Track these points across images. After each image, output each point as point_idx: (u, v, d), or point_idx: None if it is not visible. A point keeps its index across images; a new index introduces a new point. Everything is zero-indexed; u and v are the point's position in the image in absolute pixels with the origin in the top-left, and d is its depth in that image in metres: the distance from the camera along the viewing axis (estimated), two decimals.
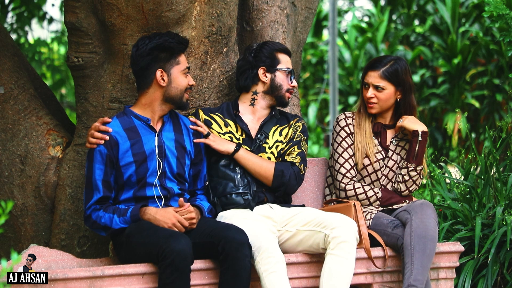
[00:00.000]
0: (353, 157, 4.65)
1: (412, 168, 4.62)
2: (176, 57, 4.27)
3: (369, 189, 4.60)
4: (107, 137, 4.19)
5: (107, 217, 4.15)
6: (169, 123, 4.34)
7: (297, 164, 4.47)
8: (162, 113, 4.31)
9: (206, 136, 4.41)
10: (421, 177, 4.68)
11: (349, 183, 4.62)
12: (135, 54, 4.25)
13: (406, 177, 4.63)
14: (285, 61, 4.57)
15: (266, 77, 4.55)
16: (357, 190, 4.60)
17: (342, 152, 4.66)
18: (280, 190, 4.47)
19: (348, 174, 4.63)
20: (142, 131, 4.26)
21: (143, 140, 4.24)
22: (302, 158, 4.51)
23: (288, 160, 4.48)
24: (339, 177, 4.64)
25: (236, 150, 4.42)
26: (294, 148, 4.51)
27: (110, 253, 4.48)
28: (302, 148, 4.54)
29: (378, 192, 4.60)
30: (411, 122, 4.63)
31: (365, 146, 4.64)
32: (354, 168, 4.65)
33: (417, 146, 4.60)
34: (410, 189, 4.64)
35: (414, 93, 4.70)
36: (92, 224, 4.20)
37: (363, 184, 4.62)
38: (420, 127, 4.60)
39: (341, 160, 4.65)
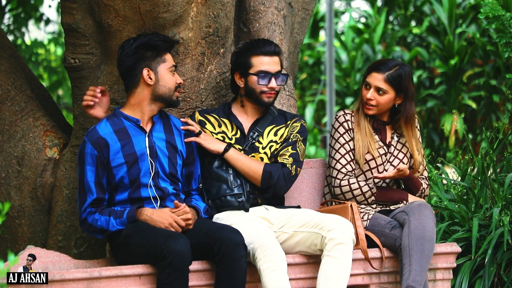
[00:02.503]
0: (350, 153, 4.65)
1: (418, 194, 4.69)
2: (162, 55, 4.27)
3: (364, 185, 4.60)
4: (99, 95, 4.34)
5: (103, 219, 4.15)
6: (159, 123, 4.34)
7: (287, 166, 4.44)
8: (151, 113, 4.30)
9: (198, 134, 4.41)
10: (426, 190, 4.74)
11: (344, 178, 4.62)
12: (120, 55, 4.26)
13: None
14: (258, 64, 4.49)
15: (242, 81, 4.54)
16: (352, 185, 4.60)
17: (339, 148, 4.67)
18: (268, 191, 4.46)
19: (343, 170, 4.63)
20: (132, 132, 4.25)
21: (134, 141, 4.24)
22: (295, 159, 4.48)
23: (279, 161, 4.47)
24: (334, 173, 4.64)
25: (226, 150, 4.42)
26: (287, 149, 4.49)
27: (107, 254, 4.48)
28: (297, 148, 4.51)
29: (373, 188, 4.60)
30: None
31: (366, 143, 4.64)
32: (351, 163, 4.65)
33: (411, 182, 4.66)
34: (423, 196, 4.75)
35: (415, 101, 4.70)
36: (88, 227, 4.19)
37: (359, 180, 4.62)
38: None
39: (337, 156, 4.66)
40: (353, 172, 4.65)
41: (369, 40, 14.40)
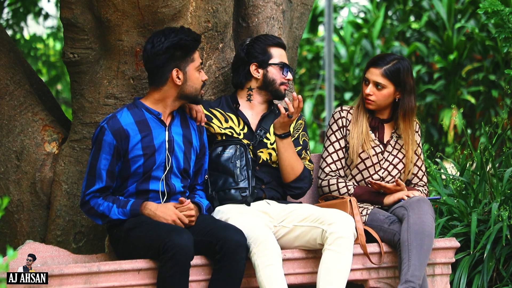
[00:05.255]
0: (339, 151, 4.65)
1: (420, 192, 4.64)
2: (191, 55, 4.23)
3: (343, 187, 4.59)
4: None
5: (105, 205, 4.14)
6: (177, 118, 4.33)
7: (311, 172, 4.54)
8: (173, 108, 4.29)
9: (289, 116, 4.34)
10: (426, 188, 4.74)
11: (325, 178, 4.63)
12: (150, 52, 4.19)
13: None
14: (277, 55, 4.55)
15: (259, 73, 4.53)
16: (331, 187, 4.60)
17: (328, 146, 4.67)
18: (294, 192, 4.49)
19: (326, 169, 4.64)
20: (153, 124, 4.24)
21: (154, 134, 4.22)
22: (312, 163, 4.59)
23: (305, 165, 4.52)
24: (319, 171, 4.66)
25: (287, 135, 4.41)
26: (304, 153, 4.56)
27: (106, 249, 4.48)
28: (308, 152, 4.56)
29: (350, 190, 4.59)
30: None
31: (361, 142, 4.63)
32: (338, 162, 4.64)
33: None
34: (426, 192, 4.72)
35: (415, 94, 4.68)
36: (89, 210, 4.18)
37: (340, 181, 4.61)
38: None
39: (324, 154, 4.67)
40: (338, 171, 4.64)
41: (368, 35, 14.39)
